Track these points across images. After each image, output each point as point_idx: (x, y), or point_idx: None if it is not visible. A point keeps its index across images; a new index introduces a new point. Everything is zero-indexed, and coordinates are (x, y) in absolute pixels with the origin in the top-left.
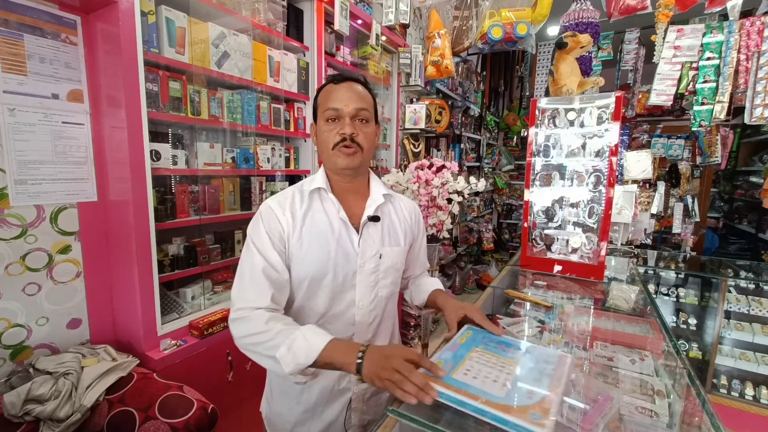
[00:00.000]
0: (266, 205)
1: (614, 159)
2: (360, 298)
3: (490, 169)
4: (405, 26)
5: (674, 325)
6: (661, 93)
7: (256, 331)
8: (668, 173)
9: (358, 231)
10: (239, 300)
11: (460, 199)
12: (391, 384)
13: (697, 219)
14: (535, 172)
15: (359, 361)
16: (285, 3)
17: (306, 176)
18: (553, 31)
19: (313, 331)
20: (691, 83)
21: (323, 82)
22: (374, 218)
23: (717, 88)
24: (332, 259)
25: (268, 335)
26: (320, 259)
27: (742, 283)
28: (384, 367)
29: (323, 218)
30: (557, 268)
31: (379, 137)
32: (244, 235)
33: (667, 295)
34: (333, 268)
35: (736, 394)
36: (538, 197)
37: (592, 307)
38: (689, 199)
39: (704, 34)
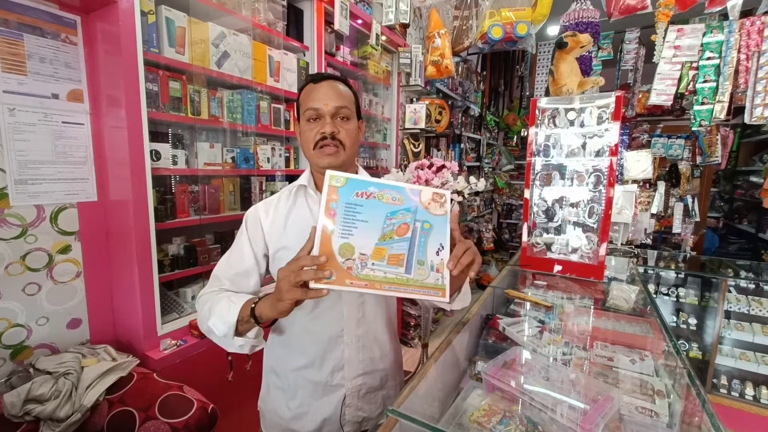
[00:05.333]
0: (253, 208)
1: (614, 159)
2: (346, 292)
3: (490, 169)
4: (405, 26)
5: (674, 325)
6: (661, 93)
7: (201, 311)
8: (668, 173)
9: None
10: (203, 289)
11: (460, 199)
12: (293, 290)
13: (697, 219)
14: (535, 172)
15: (253, 305)
16: (285, 3)
17: None
18: (553, 30)
19: (237, 295)
20: (691, 83)
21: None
22: None
23: (717, 87)
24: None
25: (205, 310)
26: None
27: (742, 283)
28: (279, 289)
29: (306, 214)
30: (557, 268)
31: (363, 133)
32: None
33: (667, 295)
34: None
35: (736, 394)
36: (538, 197)
37: (592, 307)
38: (689, 199)
39: (704, 34)
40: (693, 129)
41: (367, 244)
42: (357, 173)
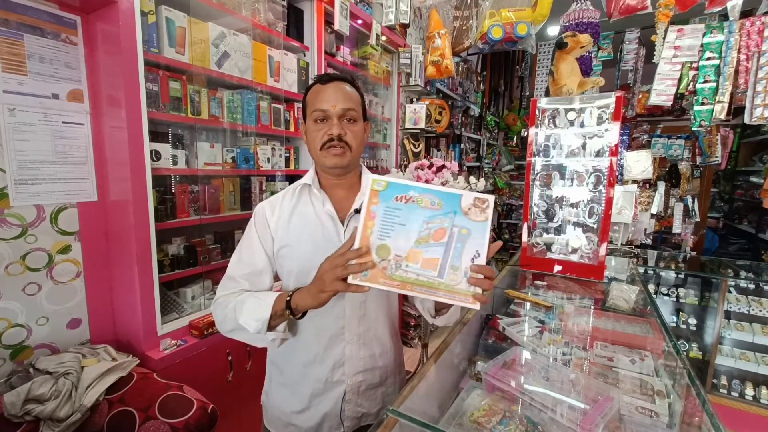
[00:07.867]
0: (260, 206)
1: (614, 159)
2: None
3: (490, 169)
4: (405, 26)
5: (674, 325)
6: (661, 93)
7: (224, 312)
8: (668, 173)
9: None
10: (219, 291)
11: None
12: (336, 282)
13: (697, 219)
14: (535, 172)
15: (288, 298)
16: (285, 3)
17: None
18: (553, 31)
19: (263, 293)
20: (691, 83)
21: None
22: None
23: (717, 88)
24: (319, 252)
25: (230, 310)
26: (306, 251)
27: (742, 283)
28: (321, 281)
29: (310, 213)
30: (557, 268)
31: (368, 134)
32: None
33: (667, 295)
34: (319, 260)
35: (736, 394)
36: (538, 197)
37: (592, 307)
38: (689, 199)
39: (704, 34)
40: (693, 129)
41: (403, 247)
42: (361, 173)
